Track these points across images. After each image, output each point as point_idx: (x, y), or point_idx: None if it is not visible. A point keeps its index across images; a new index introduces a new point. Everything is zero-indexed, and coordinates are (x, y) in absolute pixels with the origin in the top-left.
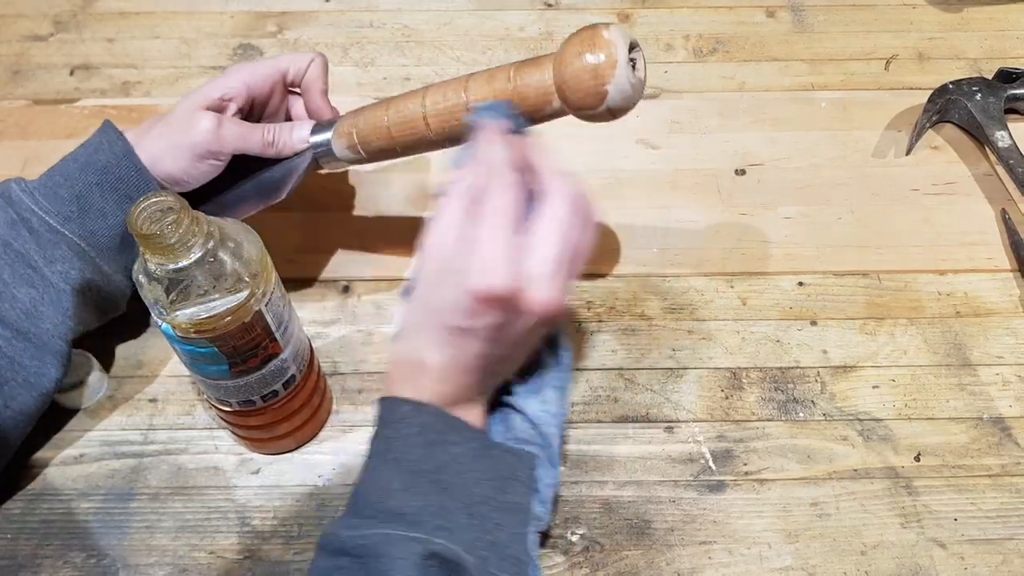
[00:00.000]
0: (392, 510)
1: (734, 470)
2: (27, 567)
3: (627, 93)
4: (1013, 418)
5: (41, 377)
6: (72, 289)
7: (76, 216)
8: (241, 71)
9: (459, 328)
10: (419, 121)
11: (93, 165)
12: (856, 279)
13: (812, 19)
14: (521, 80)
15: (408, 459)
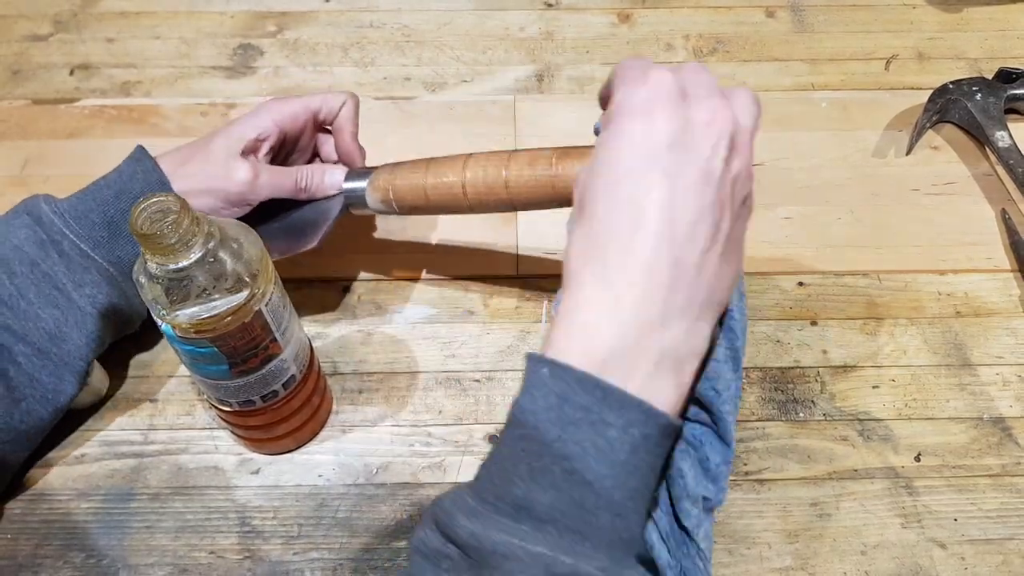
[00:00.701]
0: (515, 501)
1: (734, 470)
2: (27, 567)
3: None
4: (1013, 418)
5: (59, 394)
6: (98, 313)
7: (106, 242)
8: (272, 110)
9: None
10: (458, 190)
11: (127, 193)
12: (856, 279)
13: (812, 19)
14: (563, 172)
15: (539, 438)
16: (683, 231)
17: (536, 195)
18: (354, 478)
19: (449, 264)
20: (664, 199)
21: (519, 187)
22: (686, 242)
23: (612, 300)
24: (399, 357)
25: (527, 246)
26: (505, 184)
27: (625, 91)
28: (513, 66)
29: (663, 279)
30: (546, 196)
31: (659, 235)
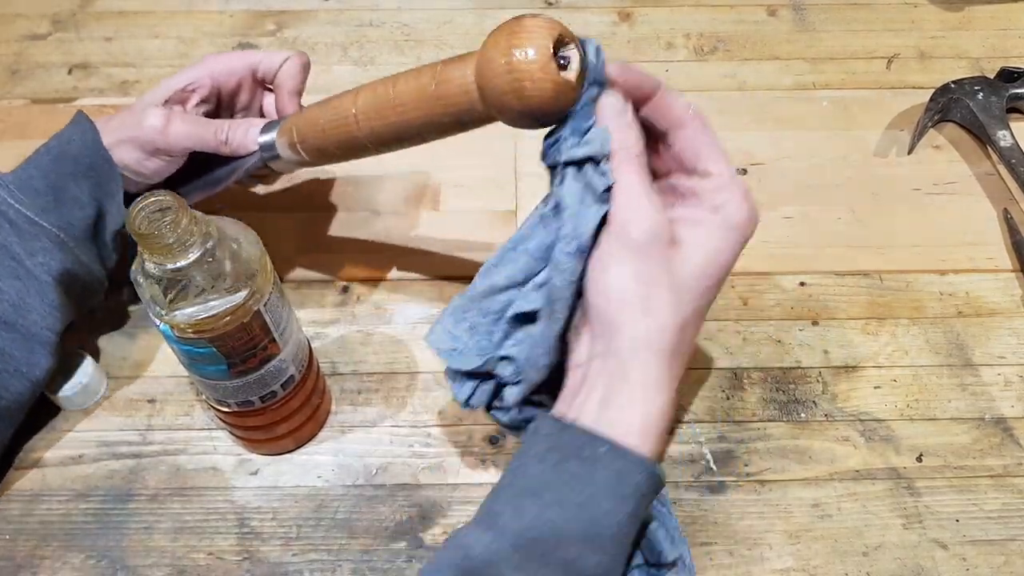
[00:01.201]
0: (567, 561)
1: (735, 471)
2: (25, 568)
3: (546, 95)
4: (1015, 418)
5: (32, 367)
6: (54, 280)
7: (52, 207)
8: (207, 63)
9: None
10: (351, 119)
11: (65, 155)
12: (857, 279)
13: (813, 18)
14: (444, 76)
15: (596, 508)
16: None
17: (426, 110)
18: (353, 479)
19: (449, 264)
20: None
21: (407, 104)
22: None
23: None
24: (399, 357)
25: None
26: (393, 104)
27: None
28: None
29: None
30: (436, 110)
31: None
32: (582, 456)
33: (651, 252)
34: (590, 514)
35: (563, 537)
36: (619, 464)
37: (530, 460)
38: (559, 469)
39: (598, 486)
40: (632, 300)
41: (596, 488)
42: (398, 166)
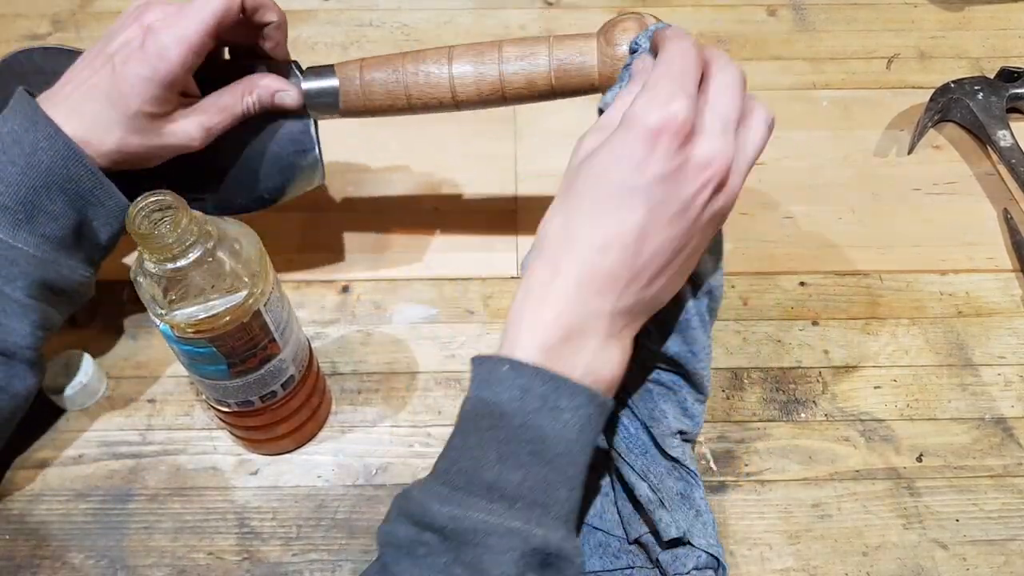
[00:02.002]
0: (487, 483)
1: (735, 471)
2: (25, 568)
3: None
4: (1015, 419)
5: (13, 384)
6: (35, 300)
7: (25, 223)
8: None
9: (620, 188)
10: (445, 90)
11: (34, 168)
12: (858, 279)
13: (813, 18)
14: (563, 67)
15: (506, 426)
16: (648, 252)
17: (539, 93)
18: (353, 479)
19: (449, 264)
20: (640, 224)
21: (518, 87)
22: (647, 262)
23: (578, 296)
24: (398, 357)
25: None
26: (500, 81)
27: (644, 104)
28: None
29: (618, 286)
30: (548, 93)
31: (625, 250)
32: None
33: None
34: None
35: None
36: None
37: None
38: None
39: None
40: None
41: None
42: (398, 166)
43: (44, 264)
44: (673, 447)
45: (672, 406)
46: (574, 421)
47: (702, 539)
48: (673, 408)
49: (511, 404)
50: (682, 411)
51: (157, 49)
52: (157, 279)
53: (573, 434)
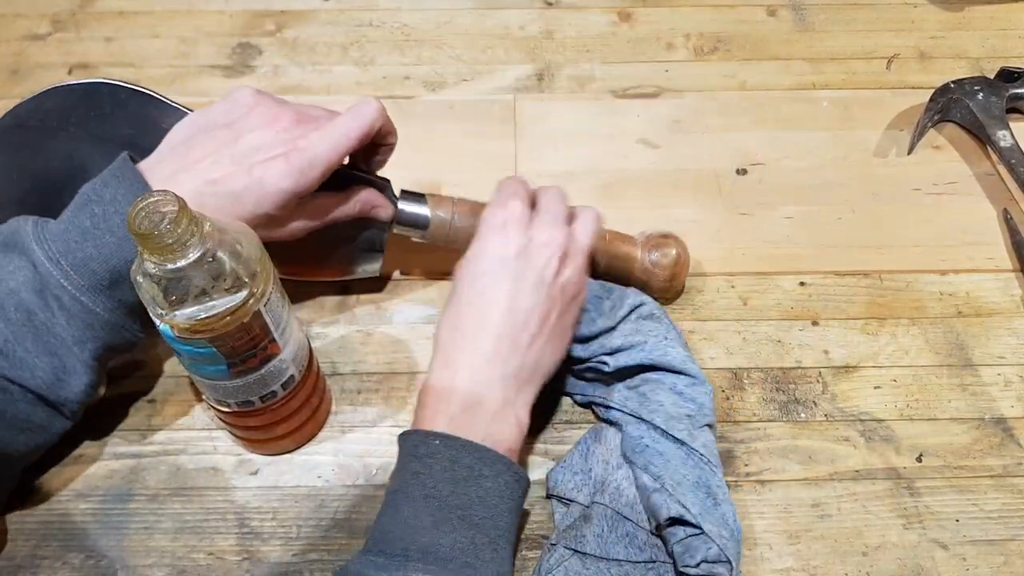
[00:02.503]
0: (423, 548)
1: (735, 471)
2: (26, 568)
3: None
4: (1015, 419)
5: (54, 426)
6: (97, 364)
7: (107, 288)
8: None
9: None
10: None
11: (131, 241)
12: (858, 279)
13: (813, 18)
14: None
15: (438, 495)
16: (520, 318)
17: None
18: (353, 479)
19: (449, 264)
20: (509, 293)
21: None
22: (521, 327)
23: (472, 362)
24: (399, 357)
25: None
26: None
27: (490, 210)
28: (513, 65)
29: (502, 351)
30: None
31: (500, 318)
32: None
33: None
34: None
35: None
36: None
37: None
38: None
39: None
40: None
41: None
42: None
43: (114, 329)
44: (679, 430)
45: (666, 394)
46: (495, 488)
47: (713, 527)
48: (667, 395)
49: (443, 474)
50: (678, 396)
51: (301, 166)
52: (157, 279)
53: (494, 500)
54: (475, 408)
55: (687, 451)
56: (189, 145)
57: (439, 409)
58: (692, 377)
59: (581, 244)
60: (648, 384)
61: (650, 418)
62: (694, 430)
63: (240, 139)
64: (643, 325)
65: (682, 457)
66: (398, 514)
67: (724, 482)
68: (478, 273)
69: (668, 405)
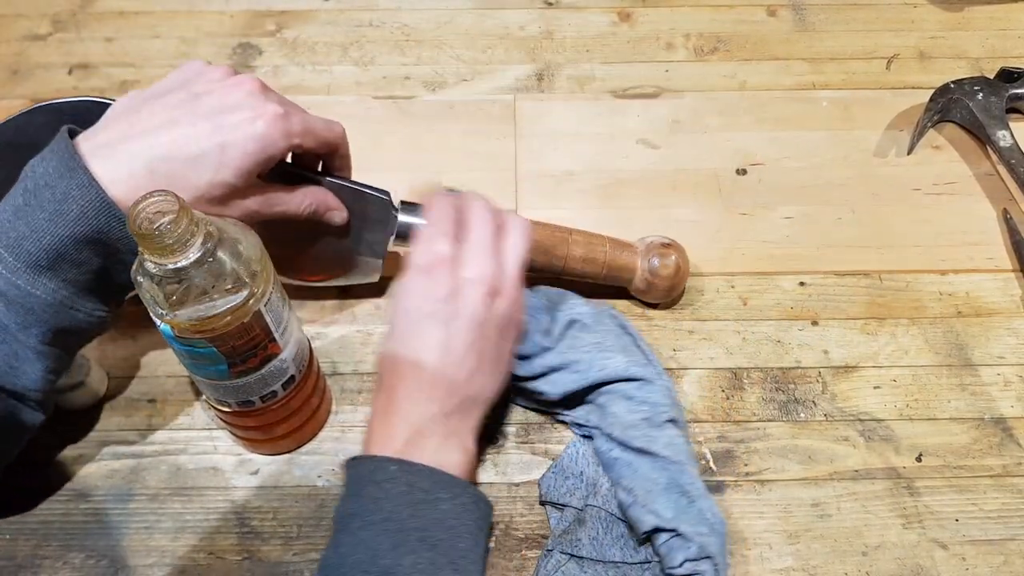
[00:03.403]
0: (383, 569)
1: (735, 471)
2: (26, 568)
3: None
4: (1014, 418)
5: (21, 417)
6: (50, 348)
7: (47, 269)
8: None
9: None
10: None
11: (63, 216)
12: (857, 279)
13: (813, 18)
14: (613, 267)
15: (397, 518)
16: (454, 359)
17: (590, 275)
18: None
19: None
20: (441, 338)
21: (575, 264)
22: (457, 366)
23: (410, 405)
24: None
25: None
26: (564, 260)
27: (417, 250)
28: (513, 65)
29: (439, 391)
30: (598, 277)
31: (435, 362)
32: (375, 480)
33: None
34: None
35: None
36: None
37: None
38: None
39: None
40: None
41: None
42: (399, 167)
43: (61, 310)
44: (636, 438)
45: (619, 403)
46: (451, 510)
47: (690, 527)
48: (620, 404)
49: (401, 498)
50: (629, 401)
51: (271, 132)
52: (157, 279)
53: (452, 521)
54: (419, 441)
55: (652, 456)
56: (136, 111)
57: (387, 438)
58: (639, 380)
59: (511, 273)
60: (603, 396)
61: (609, 431)
62: (652, 431)
63: (199, 99)
64: (577, 340)
65: (649, 463)
66: (355, 537)
67: (696, 477)
68: (410, 314)
69: (622, 413)
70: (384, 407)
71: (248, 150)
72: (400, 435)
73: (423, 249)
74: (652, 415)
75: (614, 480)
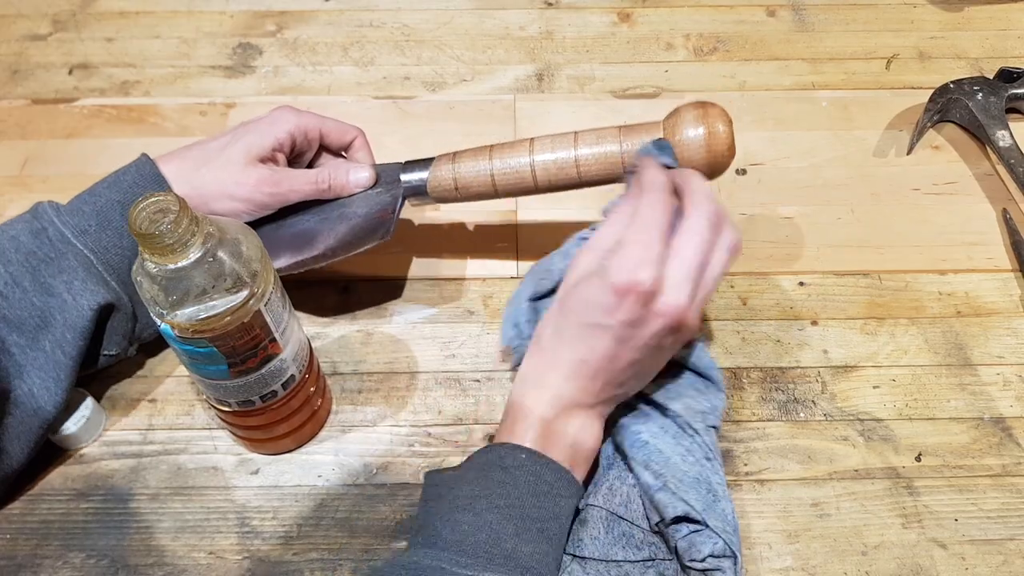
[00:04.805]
0: (506, 554)
1: (734, 470)
2: (26, 567)
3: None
4: (1014, 418)
5: (44, 392)
6: (76, 301)
7: (93, 230)
8: (288, 121)
9: (595, 324)
10: (527, 173)
11: (118, 184)
12: (857, 279)
13: (813, 18)
14: (631, 146)
15: (521, 506)
16: (615, 369)
17: (605, 172)
18: (354, 478)
19: (449, 264)
20: (607, 352)
21: (589, 166)
22: (615, 375)
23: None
24: (399, 357)
25: (527, 246)
26: (576, 164)
27: (618, 264)
28: (513, 65)
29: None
30: (615, 173)
31: (597, 366)
32: (504, 465)
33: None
34: (518, 512)
35: (499, 535)
36: (536, 467)
37: (459, 481)
38: (486, 479)
39: (520, 487)
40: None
41: (519, 489)
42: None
43: (91, 270)
44: (697, 421)
45: (687, 388)
46: (567, 507)
47: (717, 522)
48: (688, 390)
49: (527, 488)
50: (697, 392)
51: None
52: (158, 279)
53: (564, 517)
54: (566, 417)
55: (686, 448)
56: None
57: (526, 426)
58: (712, 381)
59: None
60: (667, 377)
61: (666, 403)
62: (702, 433)
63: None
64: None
65: (681, 454)
66: (481, 519)
67: (724, 479)
68: (586, 316)
69: (687, 398)
70: (535, 384)
71: (288, 124)
72: (552, 406)
73: (624, 266)
74: (709, 413)
75: (640, 461)
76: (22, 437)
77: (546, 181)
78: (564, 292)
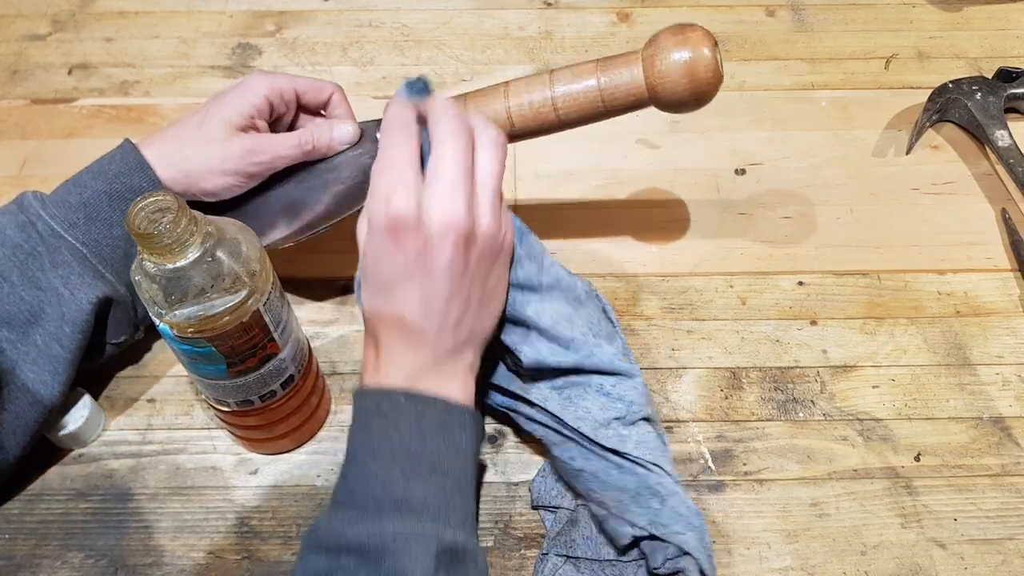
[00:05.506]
0: (395, 499)
1: (733, 470)
2: (25, 567)
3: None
4: (1013, 418)
5: (38, 383)
6: (72, 295)
7: (82, 223)
8: (261, 84)
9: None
10: (503, 120)
11: (103, 174)
12: (856, 279)
13: (812, 18)
14: (611, 86)
15: (407, 449)
16: (437, 313)
17: (586, 111)
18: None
19: None
20: (419, 297)
21: (568, 106)
22: (442, 318)
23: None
24: None
25: None
26: (553, 106)
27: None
28: (512, 65)
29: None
30: (596, 111)
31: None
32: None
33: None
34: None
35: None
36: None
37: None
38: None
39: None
40: None
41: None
42: None
43: (86, 263)
44: (608, 437)
45: (592, 398)
46: (462, 439)
47: (665, 528)
48: (594, 399)
49: (411, 430)
50: (605, 397)
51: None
52: (156, 279)
53: (463, 449)
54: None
55: (619, 459)
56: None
57: (388, 374)
58: (620, 375)
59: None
60: (573, 388)
61: (576, 425)
62: (624, 429)
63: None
64: (576, 314)
65: (616, 470)
66: (365, 470)
67: (664, 475)
68: (383, 277)
69: (595, 411)
70: (374, 357)
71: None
72: (395, 383)
73: (380, 207)
74: (626, 414)
75: (583, 491)
76: (19, 431)
77: (524, 127)
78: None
